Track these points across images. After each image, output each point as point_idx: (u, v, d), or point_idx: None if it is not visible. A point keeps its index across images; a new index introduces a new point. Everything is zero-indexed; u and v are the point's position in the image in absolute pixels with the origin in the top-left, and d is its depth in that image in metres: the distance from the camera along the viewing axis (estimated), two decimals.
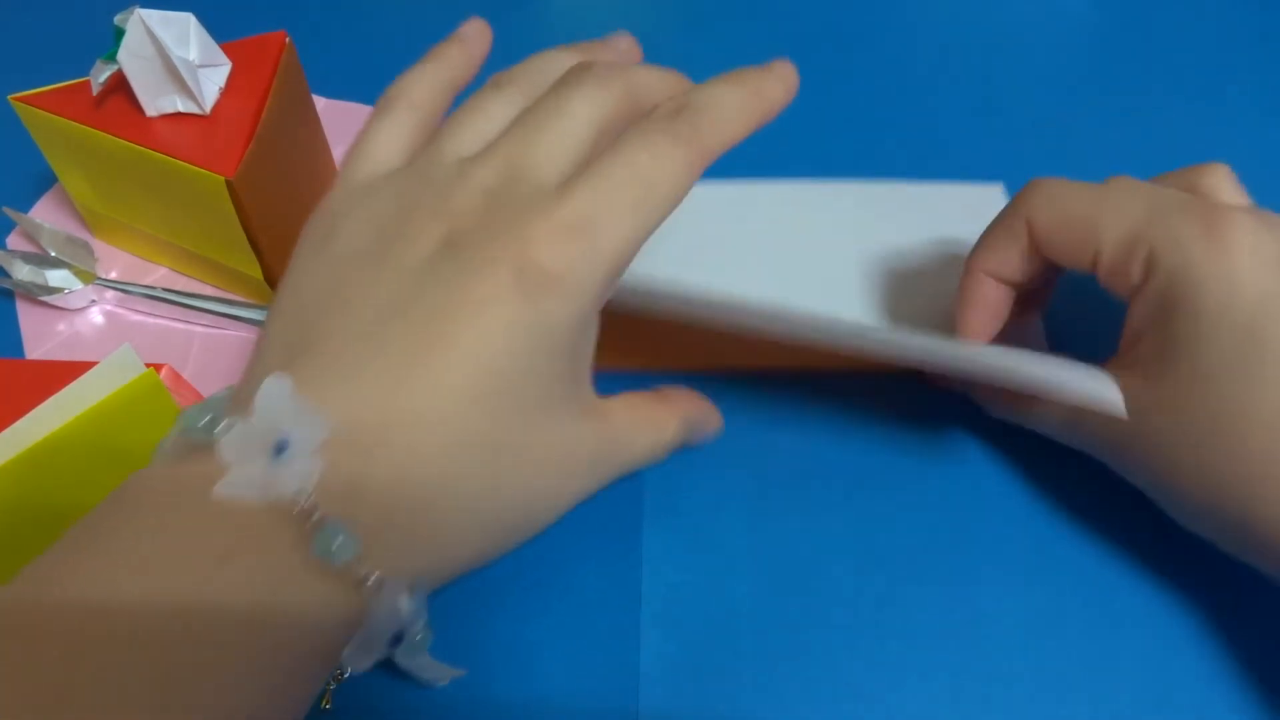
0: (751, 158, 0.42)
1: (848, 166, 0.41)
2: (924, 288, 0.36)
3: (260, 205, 0.32)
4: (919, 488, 0.32)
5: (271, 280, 0.34)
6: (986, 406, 0.32)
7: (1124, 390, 0.27)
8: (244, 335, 0.35)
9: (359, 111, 0.43)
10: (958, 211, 0.38)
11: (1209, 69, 0.46)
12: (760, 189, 0.39)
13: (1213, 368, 0.25)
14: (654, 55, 0.46)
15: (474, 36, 0.29)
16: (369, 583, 0.20)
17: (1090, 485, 0.31)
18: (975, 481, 0.32)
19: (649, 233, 0.23)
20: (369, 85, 0.44)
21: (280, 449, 0.19)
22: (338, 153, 0.41)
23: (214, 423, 0.20)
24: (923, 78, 0.45)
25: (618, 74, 0.25)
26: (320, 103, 0.43)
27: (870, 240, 0.38)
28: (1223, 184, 0.28)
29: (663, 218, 0.23)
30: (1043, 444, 0.31)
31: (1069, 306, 0.35)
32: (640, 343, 0.34)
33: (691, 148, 0.23)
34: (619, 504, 0.31)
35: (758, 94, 0.26)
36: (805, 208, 0.39)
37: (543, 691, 0.26)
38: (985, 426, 0.33)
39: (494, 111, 0.25)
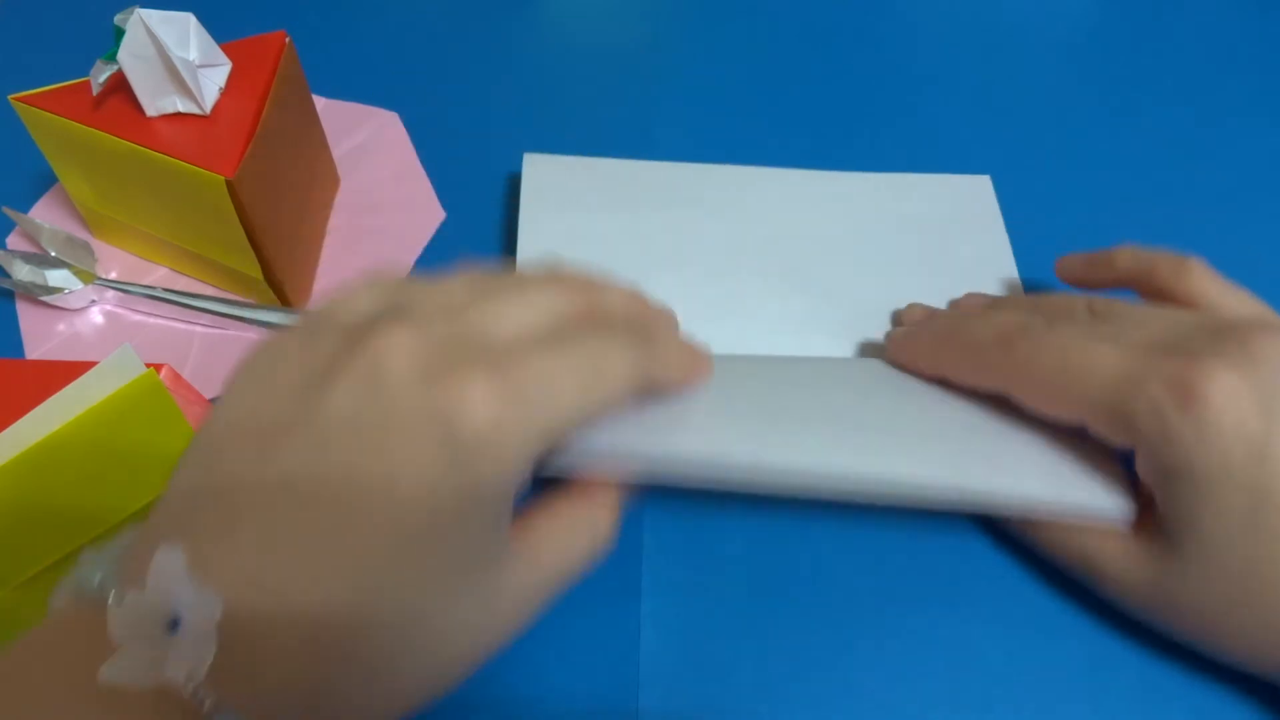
0: (747, 147, 0.42)
1: (844, 161, 0.41)
2: (911, 276, 0.37)
3: (260, 205, 0.32)
4: None
5: (271, 280, 0.34)
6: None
7: (1146, 556, 0.26)
8: (244, 335, 0.35)
9: (359, 111, 0.43)
10: (946, 201, 0.39)
11: (1208, 68, 0.46)
12: (751, 174, 0.39)
13: (1226, 531, 0.24)
14: (653, 54, 0.46)
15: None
16: None
17: None
18: None
19: (585, 419, 0.23)
20: (369, 85, 0.44)
21: (172, 625, 0.18)
22: (338, 153, 0.41)
23: (106, 584, 0.20)
24: (919, 74, 0.46)
25: (585, 285, 0.26)
26: (320, 103, 0.43)
27: (858, 228, 0.38)
28: (1202, 287, 0.29)
29: (600, 412, 0.23)
30: None
31: None
32: None
33: (645, 365, 0.24)
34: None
35: (699, 356, 0.27)
36: (796, 195, 0.39)
37: (543, 691, 0.26)
38: None
39: (454, 287, 0.24)
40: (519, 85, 0.45)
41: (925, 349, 0.31)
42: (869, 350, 0.35)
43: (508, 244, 0.38)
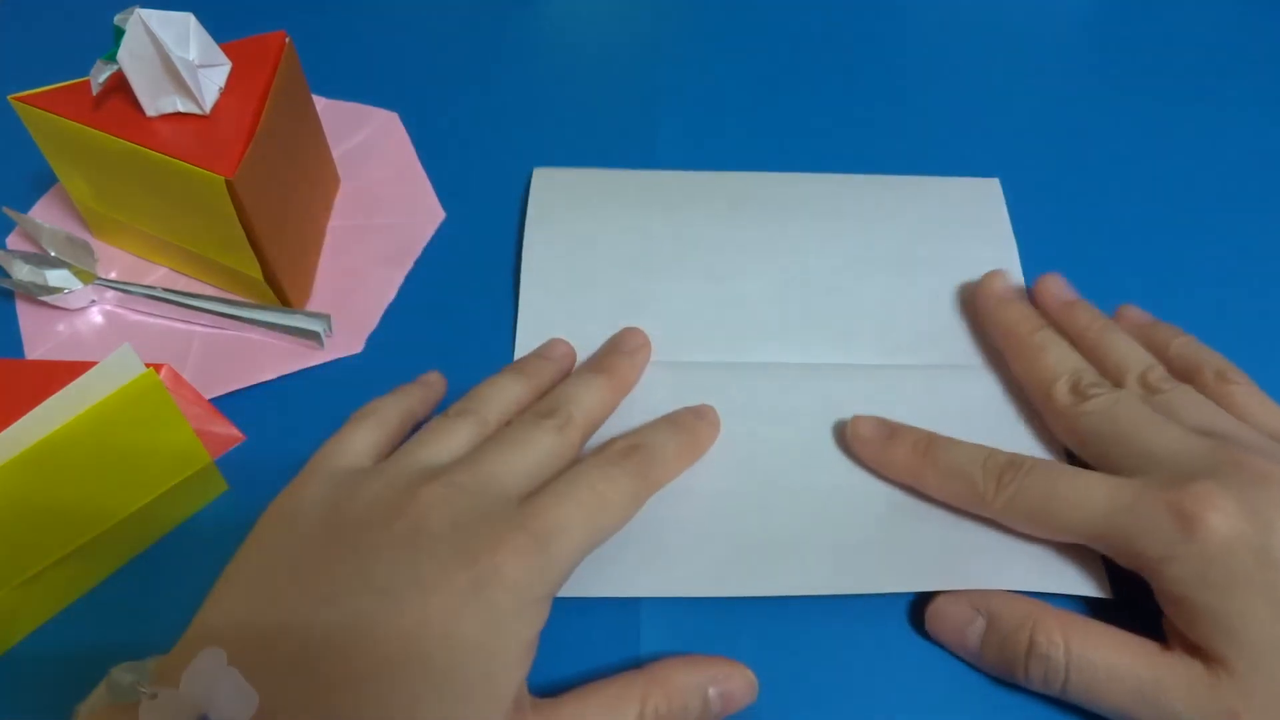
0: (751, 143, 0.42)
1: (846, 163, 0.41)
2: (920, 279, 0.36)
3: (260, 205, 0.32)
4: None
5: (271, 280, 0.34)
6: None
7: (1205, 677, 0.25)
8: (244, 335, 0.35)
9: (359, 111, 0.43)
10: (954, 204, 0.39)
11: (1213, 67, 0.46)
12: (757, 180, 0.39)
13: (1264, 634, 0.24)
14: (655, 53, 0.46)
15: (434, 383, 0.33)
16: None
17: None
18: None
19: (594, 546, 0.26)
20: (369, 85, 0.44)
21: None
22: (338, 153, 0.41)
23: (137, 685, 0.21)
24: (923, 78, 0.45)
25: (574, 418, 0.29)
26: (320, 103, 0.43)
27: (865, 231, 0.38)
28: (1242, 404, 0.29)
29: (607, 536, 0.26)
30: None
31: None
32: None
33: (640, 481, 0.28)
34: None
35: (694, 438, 0.31)
36: (802, 199, 0.39)
37: (542, 692, 0.26)
38: None
39: (458, 432, 0.28)
40: (519, 85, 0.45)
41: (902, 462, 0.30)
42: (871, 351, 0.35)
43: (508, 244, 0.38)
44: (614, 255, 0.37)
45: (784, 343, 0.35)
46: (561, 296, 0.36)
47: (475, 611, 0.23)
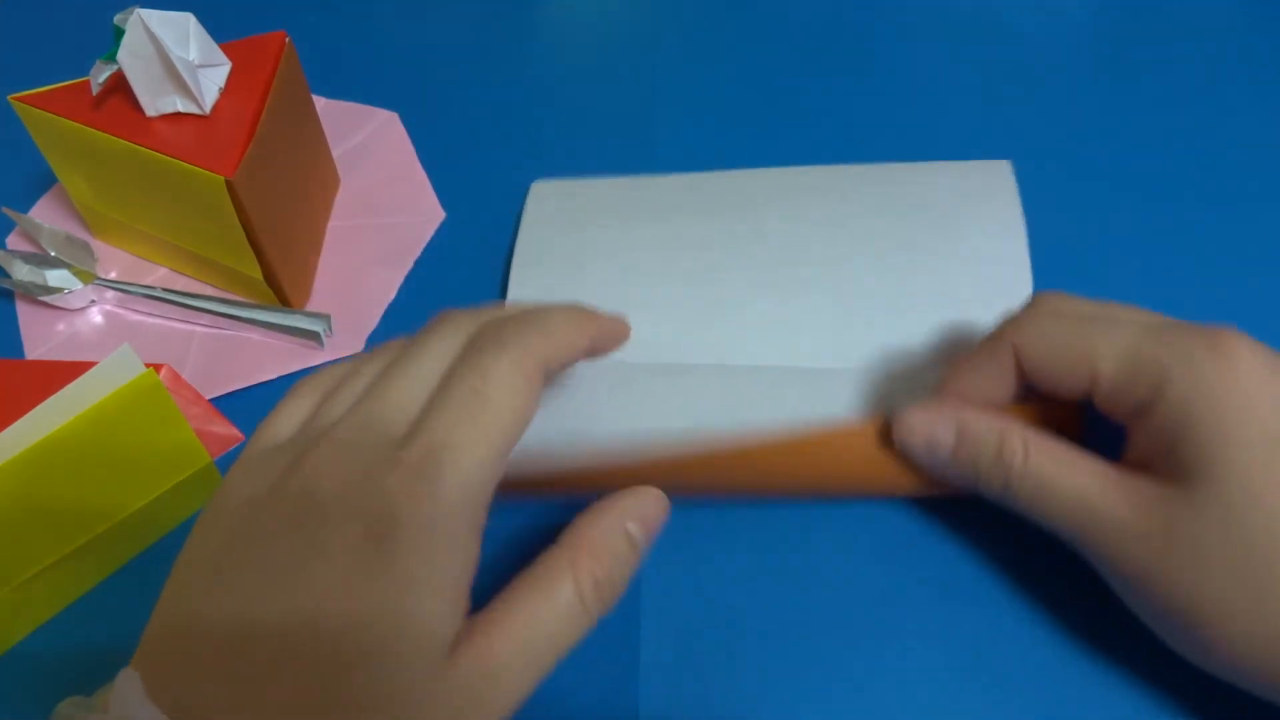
0: (751, 142, 0.42)
1: (851, 160, 0.41)
2: (921, 275, 0.35)
3: (260, 205, 0.32)
4: None
5: (271, 280, 0.34)
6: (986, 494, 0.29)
7: (1156, 501, 0.25)
8: (244, 335, 0.35)
9: (359, 111, 0.43)
10: (962, 190, 0.38)
11: (1217, 63, 0.46)
12: (754, 176, 0.39)
13: (1249, 480, 0.24)
14: (655, 53, 0.46)
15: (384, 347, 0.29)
16: None
17: None
18: None
19: (501, 444, 0.23)
20: (369, 85, 0.44)
21: None
22: (338, 153, 0.41)
23: (76, 714, 0.21)
24: (923, 78, 0.45)
25: (473, 315, 0.26)
26: (320, 103, 0.43)
27: (867, 220, 0.36)
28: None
29: (513, 435, 0.23)
30: None
31: None
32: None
33: (521, 355, 0.24)
34: None
35: (590, 314, 0.27)
36: (800, 191, 0.38)
37: (543, 691, 0.26)
38: None
39: (365, 373, 0.25)
40: (520, 85, 0.45)
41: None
42: (871, 351, 0.35)
43: (507, 244, 0.38)
44: (604, 258, 0.36)
45: (776, 345, 0.35)
46: (549, 295, 0.36)
47: (380, 568, 0.21)
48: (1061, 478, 0.26)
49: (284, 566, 0.22)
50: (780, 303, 0.35)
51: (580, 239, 0.37)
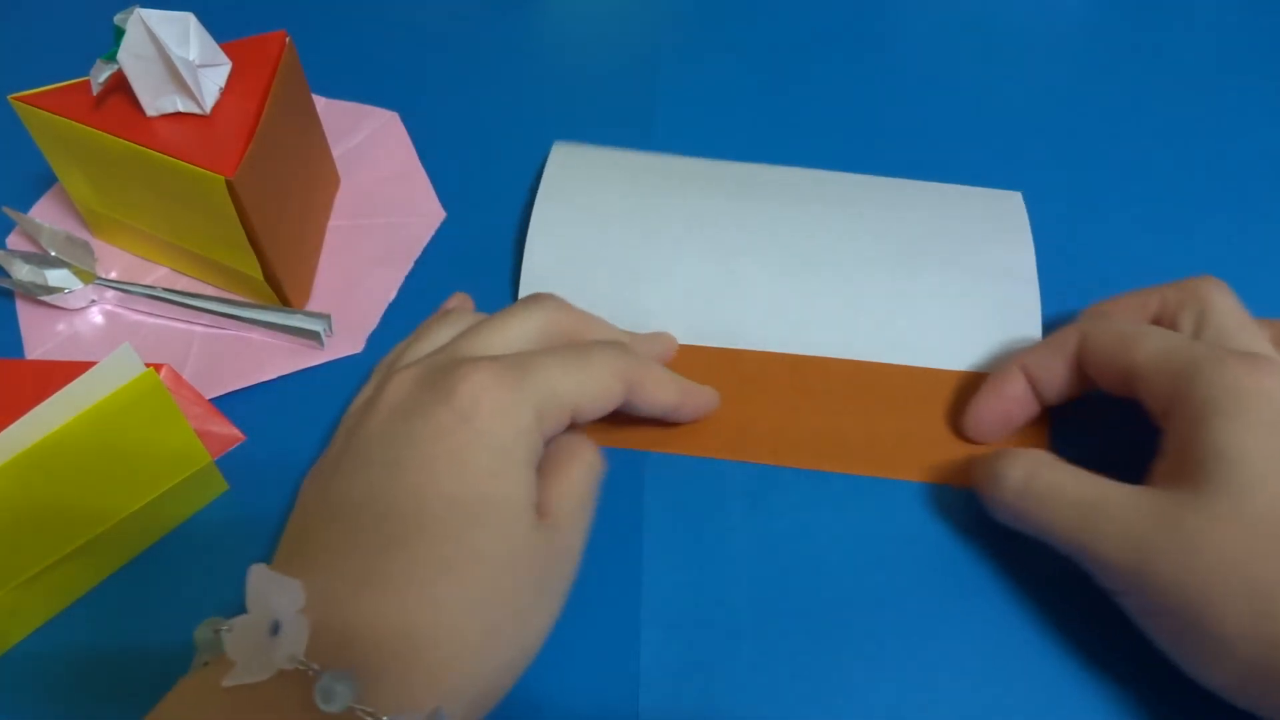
0: (752, 155, 0.42)
1: (849, 164, 0.41)
2: (933, 278, 0.36)
3: (260, 205, 0.32)
4: (921, 488, 0.32)
5: (271, 280, 0.34)
6: (993, 511, 0.30)
7: (1161, 494, 0.26)
8: (244, 335, 0.35)
9: (359, 111, 0.43)
10: (976, 211, 0.38)
11: (1224, 71, 0.46)
12: (776, 173, 0.39)
13: (1262, 478, 0.24)
14: (656, 55, 0.46)
15: (458, 305, 0.35)
16: None
17: None
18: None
19: (580, 404, 0.27)
20: (369, 85, 0.44)
21: (275, 629, 0.22)
22: (338, 153, 0.41)
23: (215, 630, 0.23)
24: (925, 76, 0.45)
25: (569, 308, 0.30)
26: (320, 103, 0.43)
27: (879, 231, 0.37)
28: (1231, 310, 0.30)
29: (591, 401, 0.28)
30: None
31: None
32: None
33: (624, 364, 0.28)
34: (619, 505, 0.31)
35: (687, 385, 0.31)
36: (819, 194, 0.38)
37: (543, 691, 0.26)
38: None
39: (442, 331, 0.30)
40: (520, 85, 0.45)
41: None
42: (876, 346, 0.35)
43: (507, 244, 0.38)
44: (620, 228, 0.36)
45: (785, 332, 0.35)
46: (565, 265, 0.36)
47: (467, 440, 0.25)
48: (1070, 483, 0.28)
49: (383, 460, 0.25)
50: (793, 293, 0.35)
51: (600, 202, 0.37)
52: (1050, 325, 0.35)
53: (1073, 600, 0.30)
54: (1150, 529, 0.25)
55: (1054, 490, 0.27)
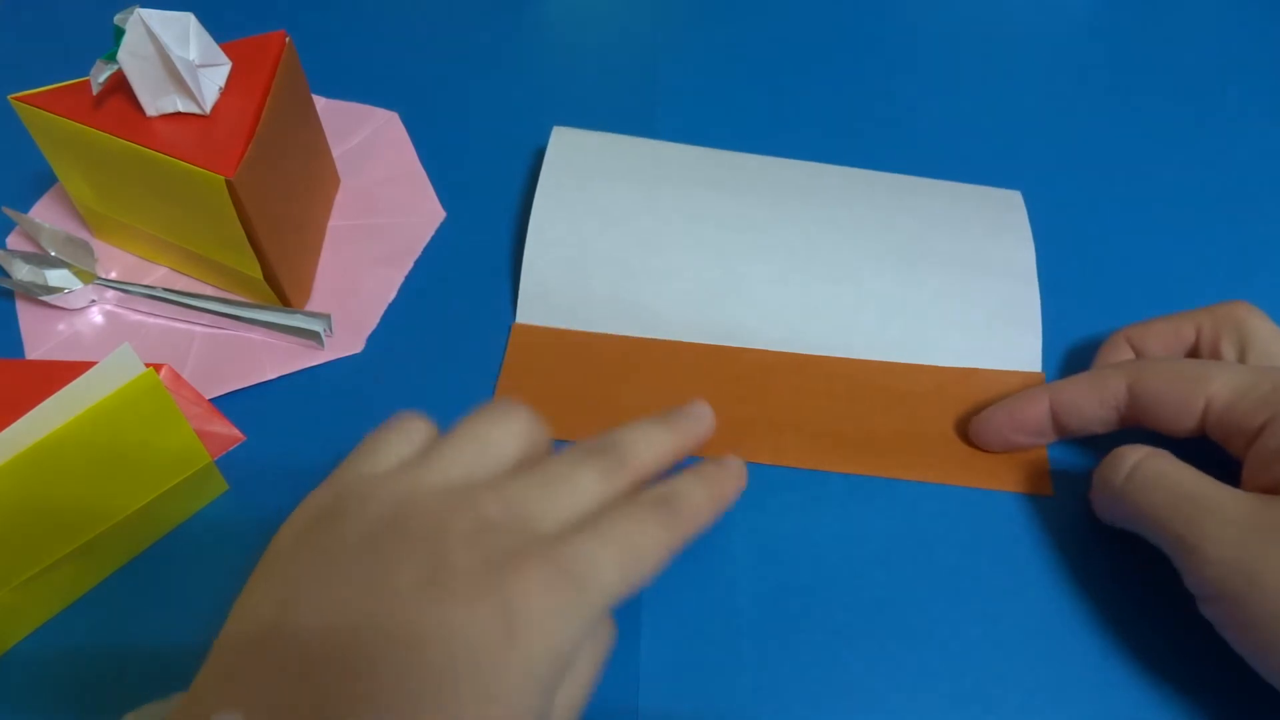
0: (751, 150, 0.42)
1: (847, 158, 0.41)
2: (928, 276, 0.36)
3: (260, 205, 0.32)
4: (921, 488, 0.32)
5: (271, 280, 0.34)
6: (1096, 505, 0.30)
7: (1244, 512, 0.25)
8: (244, 335, 0.35)
9: (359, 111, 0.43)
10: (976, 209, 0.38)
11: (1208, 69, 0.46)
12: (778, 165, 0.39)
13: None
14: (655, 55, 0.46)
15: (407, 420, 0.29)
16: None
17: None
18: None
19: (625, 594, 0.24)
20: (369, 85, 0.44)
21: None
22: (338, 153, 0.41)
23: None
24: (925, 73, 0.45)
25: (627, 464, 0.27)
26: (320, 103, 0.43)
27: (880, 225, 0.37)
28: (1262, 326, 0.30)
29: (638, 585, 0.24)
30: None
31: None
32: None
33: (672, 534, 0.25)
34: None
35: (721, 492, 0.28)
36: (821, 187, 0.38)
37: None
38: None
39: (497, 438, 0.26)
40: (519, 85, 0.45)
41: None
42: (876, 345, 0.35)
43: (508, 244, 0.38)
44: (622, 222, 0.36)
45: (784, 328, 0.35)
46: (565, 265, 0.36)
47: (500, 633, 0.21)
48: (1182, 475, 0.27)
49: (399, 589, 0.22)
50: (793, 291, 0.35)
51: (599, 198, 0.37)
52: (1050, 325, 0.35)
53: (1073, 600, 0.30)
54: (1266, 535, 0.25)
55: (1164, 479, 0.27)
